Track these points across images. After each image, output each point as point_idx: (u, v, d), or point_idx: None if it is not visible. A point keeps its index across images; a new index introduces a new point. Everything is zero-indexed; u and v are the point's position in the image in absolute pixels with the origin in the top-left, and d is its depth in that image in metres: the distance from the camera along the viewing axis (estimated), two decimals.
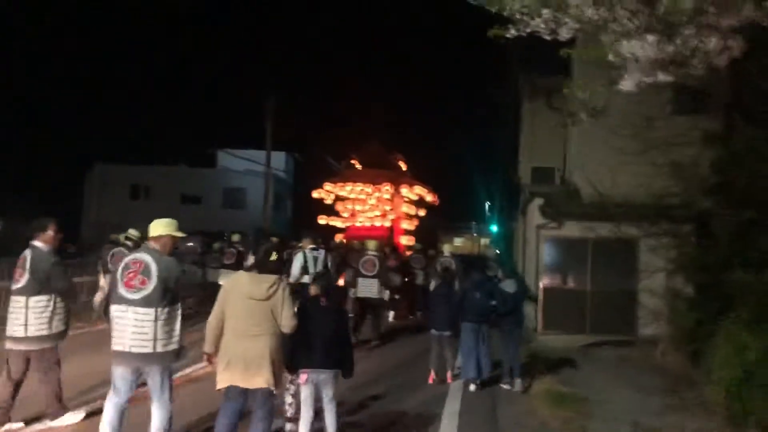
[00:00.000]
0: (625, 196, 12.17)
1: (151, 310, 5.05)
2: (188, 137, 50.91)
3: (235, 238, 15.28)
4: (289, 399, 6.00)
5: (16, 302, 5.93)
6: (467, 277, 9.20)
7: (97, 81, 59.23)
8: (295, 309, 5.18)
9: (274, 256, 5.14)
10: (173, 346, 5.19)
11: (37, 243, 6.06)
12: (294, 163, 45.22)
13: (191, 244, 18.65)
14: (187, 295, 6.51)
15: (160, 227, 5.34)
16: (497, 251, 33.71)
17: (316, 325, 5.31)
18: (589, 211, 12.36)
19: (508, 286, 9.00)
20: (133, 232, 10.49)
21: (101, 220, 36.86)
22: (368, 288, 11.59)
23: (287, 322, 4.97)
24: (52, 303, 5.96)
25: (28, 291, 5.91)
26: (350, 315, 12.39)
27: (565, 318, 12.56)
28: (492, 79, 26.28)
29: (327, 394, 5.42)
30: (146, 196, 39.35)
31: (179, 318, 5.26)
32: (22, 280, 5.95)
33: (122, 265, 5.24)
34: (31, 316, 5.88)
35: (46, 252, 6.04)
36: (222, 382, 4.95)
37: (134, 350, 5.04)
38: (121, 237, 11.34)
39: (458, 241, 50.43)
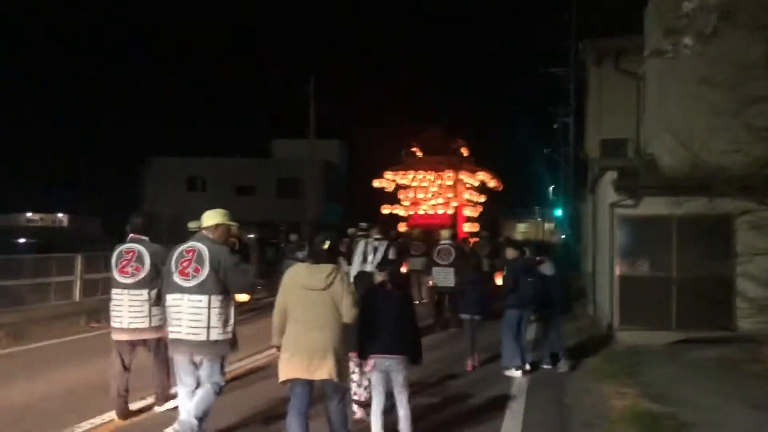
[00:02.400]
0: (718, 165, 10.04)
1: (205, 297, 5.05)
2: (243, 128, 50.18)
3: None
4: (354, 387, 5.99)
5: (138, 295, 6.00)
6: (514, 263, 8.68)
7: (151, 75, 59.36)
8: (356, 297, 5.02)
9: (326, 245, 5.00)
10: (227, 336, 5.16)
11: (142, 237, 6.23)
12: (348, 152, 43.84)
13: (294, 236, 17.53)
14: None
15: (214, 217, 5.34)
16: (563, 236, 31.41)
17: (381, 312, 5.23)
18: (673, 184, 10.24)
19: (546, 269, 8.91)
20: (192, 225, 9.65)
21: (159, 213, 36.21)
22: (444, 277, 11.36)
23: (348, 311, 4.84)
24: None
25: (148, 284, 6.01)
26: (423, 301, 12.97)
27: (647, 311, 10.46)
28: (552, 55, 24.27)
29: (397, 382, 5.21)
30: (202, 187, 38.66)
31: (233, 308, 5.24)
32: (140, 274, 6.02)
33: (176, 254, 5.23)
34: (152, 309, 5.98)
35: (158, 247, 6.21)
36: (285, 374, 4.81)
37: (190, 338, 5.05)
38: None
39: (521, 227, 48.19)
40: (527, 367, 8.33)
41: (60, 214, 46.55)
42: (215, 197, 37.01)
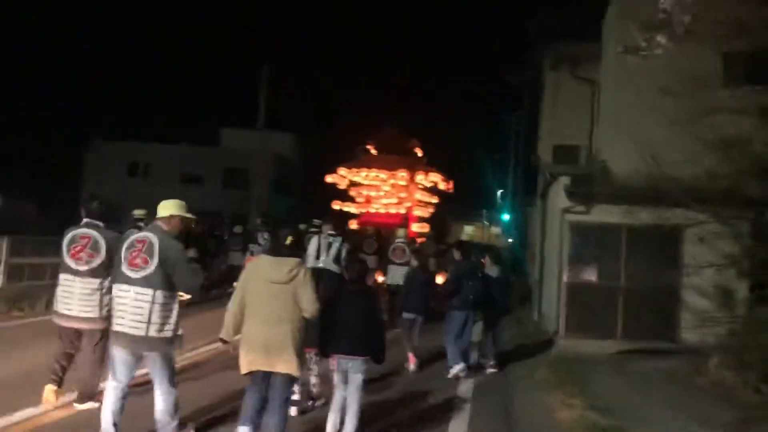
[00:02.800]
0: (671, 175, 9.96)
1: (150, 291, 4.84)
2: (191, 115, 48.72)
3: (258, 222, 15.87)
4: (313, 380, 6.13)
5: (90, 283, 5.77)
6: (457, 265, 8.80)
7: (99, 56, 57.16)
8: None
9: (289, 240, 4.94)
10: (166, 334, 4.89)
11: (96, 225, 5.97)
12: (302, 146, 43.16)
13: (238, 231, 17.34)
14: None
15: (171, 208, 5.11)
16: (509, 240, 31.57)
17: (346, 312, 5.16)
18: (626, 192, 10.12)
19: (493, 271, 9.07)
20: (138, 212, 9.22)
21: (97, 194, 34.74)
22: (398, 275, 11.09)
23: (309, 306, 4.76)
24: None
25: (102, 273, 5.74)
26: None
27: (593, 319, 10.33)
28: (509, 59, 24.27)
29: (354, 381, 5.15)
30: (145, 174, 37.35)
31: (176, 305, 5.00)
32: (94, 262, 5.78)
33: (127, 243, 5.01)
34: (103, 298, 5.73)
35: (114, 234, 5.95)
36: (245, 366, 4.76)
37: (131, 331, 4.83)
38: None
39: (468, 229, 48.27)
40: (465, 367, 8.19)
41: None
42: (158, 184, 35.83)
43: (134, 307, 4.84)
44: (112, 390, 4.94)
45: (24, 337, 9.09)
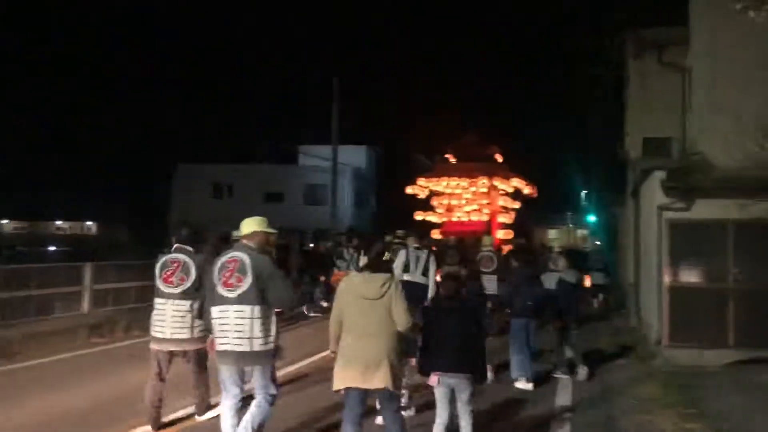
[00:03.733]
0: None
1: (248, 308, 4.97)
2: (270, 135, 49.42)
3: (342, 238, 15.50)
4: (404, 390, 5.97)
5: (182, 305, 5.97)
6: (515, 271, 8.73)
7: (178, 82, 59.06)
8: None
9: (387, 256, 5.14)
10: (269, 347, 5.03)
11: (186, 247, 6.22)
12: (376, 158, 42.96)
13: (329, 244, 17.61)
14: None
15: (253, 225, 5.24)
16: (597, 242, 30.11)
17: (446, 328, 5.11)
18: (730, 184, 9.08)
19: (570, 276, 8.78)
20: (237, 233, 8.97)
21: (186, 220, 35.57)
22: (486, 284, 10.63)
23: (401, 319, 4.74)
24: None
25: (192, 295, 5.96)
26: None
27: (700, 326, 9.29)
28: (588, 54, 23.10)
29: (461, 399, 5.12)
30: (229, 194, 38.08)
31: (274, 317, 5.12)
32: (185, 284, 6.00)
33: (218, 264, 5.12)
34: (194, 320, 5.96)
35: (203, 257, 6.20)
36: (339, 383, 4.79)
37: (235, 348, 4.97)
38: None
39: (553, 233, 46.70)
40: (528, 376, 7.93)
41: (89, 222, 46.71)
42: (242, 204, 36.44)
43: (236, 324, 4.97)
44: (226, 409, 5.15)
45: (103, 363, 9.14)
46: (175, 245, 6.19)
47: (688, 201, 9.39)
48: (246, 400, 5.22)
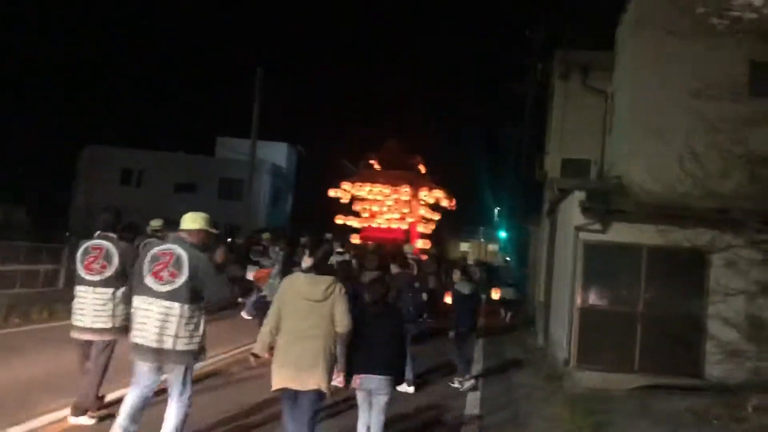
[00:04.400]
0: (696, 193, 8.97)
1: (177, 305, 4.74)
2: (188, 123, 47.40)
3: (265, 236, 15.10)
4: None
5: (103, 293, 5.78)
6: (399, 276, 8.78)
7: (94, 60, 55.89)
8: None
9: (332, 260, 5.38)
10: (193, 346, 4.83)
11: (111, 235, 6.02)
12: (297, 158, 42.11)
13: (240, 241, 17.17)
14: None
15: (198, 221, 5.00)
16: (507, 258, 30.55)
17: (369, 331, 5.07)
18: (646, 210, 9.07)
19: (463, 287, 8.95)
20: (155, 224, 9.13)
21: (90, 206, 33.61)
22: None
23: (343, 321, 4.78)
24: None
25: (115, 283, 5.81)
26: None
27: (609, 349, 9.24)
28: (512, 70, 23.36)
29: (378, 403, 5.08)
30: (138, 181, 36.25)
31: (203, 317, 4.92)
32: (106, 272, 5.79)
33: (150, 255, 4.89)
34: (116, 309, 5.81)
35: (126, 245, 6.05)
36: (277, 383, 4.75)
37: (154, 345, 4.73)
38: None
39: (465, 246, 47.30)
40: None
41: None
42: (152, 193, 34.77)
43: (159, 320, 4.73)
44: (134, 398, 4.86)
45: (24, 344, 8.62)
46: (98, 232, 5.94)
47: (606, 223, 9.34)
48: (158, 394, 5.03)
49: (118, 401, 5.09)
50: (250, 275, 13.17)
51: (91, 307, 5.71)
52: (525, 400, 8.11)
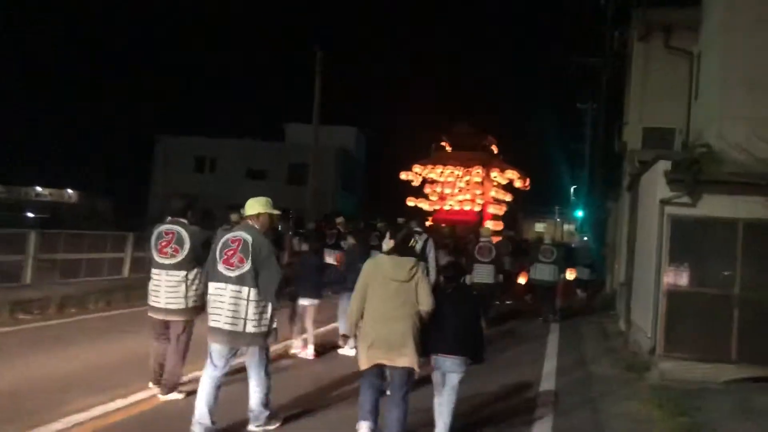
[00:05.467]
0: None
1: (245, 289, 4.96)
2: (259, 110, 47.70)
3: (339, 220, 14.50)
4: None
5: (175, 275, 5.93)
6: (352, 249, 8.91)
7: (167, 52, 57.02)
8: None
9: (412, 242, 5.52)
10: (262, 329, 5.03)
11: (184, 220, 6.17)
12: (366, 141, 41.65)
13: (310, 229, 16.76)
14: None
15: (258, 205, 5.20)
16: (585, 238, 29.17)
17: (444, 311, 5.03)
18: (744, 179, 7.98)
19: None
20: (234, 217, 8.96)
21: (167, 193, 34.32)
22: (484, 274, 11.47)
23: (426, 300, 4.88)
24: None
25: (187, 266, 5.95)
26: None
27: (701, 336, 8.20)
28: (587, 44, 22.07)
29: (450, 382, 5.07)
30: (212, 169, 36.69)
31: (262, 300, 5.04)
32: (178, 256, 5.94)
33: (221, 242, 5.11)
34: (188, 290, 5.96)
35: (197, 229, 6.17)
36: (366, 362, 4.87)
37: (227, 327, 4.95)
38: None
39: (540, 227, 45.75)
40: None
41: (69, 190, 45.06)
42: (224, 179, 35.12)
43: (231, 304, 4.94)
44: (208, 379, 5.02)
45: (116, 328, 9.07)
46: (169, 217, 6.12)
47: (695, 196, 8.28)
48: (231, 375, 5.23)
49: (196, 380, 5.32)
50: (329, 259, 13.10)
51: (164, 289, 5.91)
52: (605, 395, 7.23)
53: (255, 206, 5.18)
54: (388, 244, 6.89)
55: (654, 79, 12.91)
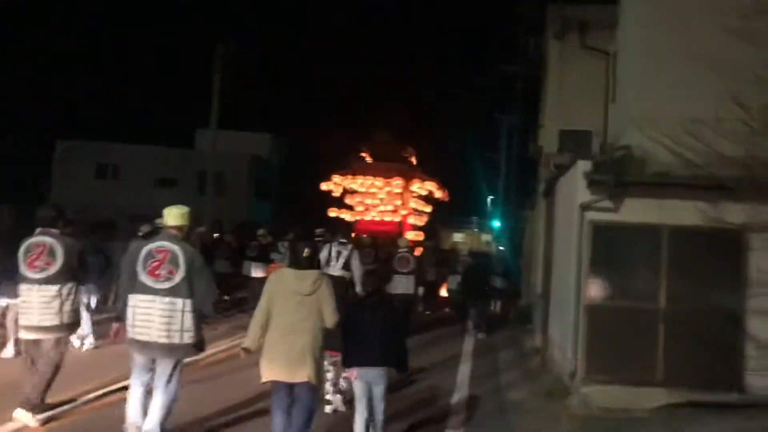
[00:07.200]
0: (727, 162, 7.11)
1: (180, 301, 4.85)
2: (166, 116, 45.03)
3: (261, 232, 14.96)
4: (327, 386, 6.04)
5: (47, 291, 5.60)
6: None
7: (68, 53, 53.45)
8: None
9: (308, 253, 5.10)
10: (198, 338, 4.98)
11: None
12: (281, 149, 40.10)
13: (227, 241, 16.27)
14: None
15: (182, 216, 5.05)
16: (500, 248, 28.76)
17: (367, 324, 5.11)
18: (670, 180, 7.16)
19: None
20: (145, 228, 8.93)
21: (65, 202, 31.63)
22: (403, 284, 11.26)
23: (330, 315, 4.85)
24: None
25: (60, 279, 5.66)
26: None
27: (625, 356, 7.28)
28: (502, 48, 21.62)
29: (377, 394, 5.08)
30: (114, 176, 34.22)
31: (196, 310, 5.00)
32: (50, 269, 5.61)
33: (144, 253, 4.93)
34: (63, 305, 5.68)
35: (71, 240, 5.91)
36: (266, 376, 4.82)
37: (161, 340, 4.83)
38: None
39: (458, 237, 45.48)
40: None
41: None
42: (130, 188, 32.77)
43: (164, 317, 4.80)
44: (137, 395, 4.97)
45: None
46: (38, 228, 5.70)
47: (617, 199, 7.39)
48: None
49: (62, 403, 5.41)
50: (257, 272, 13.30)
51: (37, 305, 5.54)
52: (521, 425, 6.19)
53: (180, 217, 5.00)
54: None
55: (570, 80, 12.19)
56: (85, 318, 8.24)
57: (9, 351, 7.68)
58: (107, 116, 43.36)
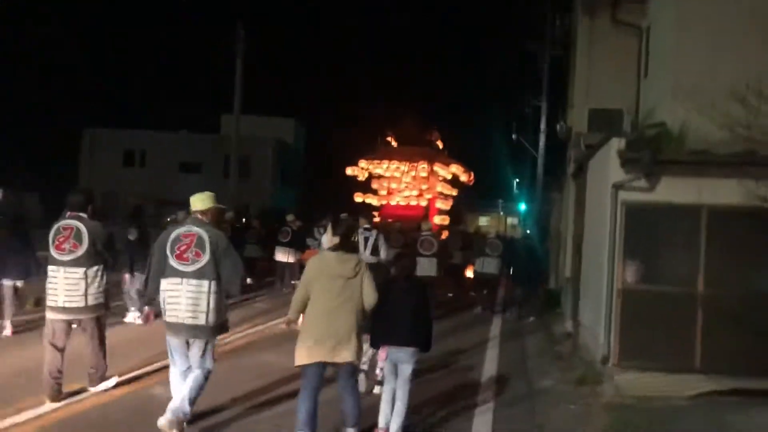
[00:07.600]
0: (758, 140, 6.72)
1: (206, 282, 4.97)
2: (191, 102, 45.01)
3: (290, 217, 14.75)
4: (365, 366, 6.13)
5: (74, 273, 5.76)
6: None
7: (94, 43, 53.53)
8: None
9: (354, 237, 5.71)
10: (223, 320, 5.14)
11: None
12: (306, 134, 39.91)
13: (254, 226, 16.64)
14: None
15: (206, 200, 5.20)
16: (527, 231, 28.27)
17: (397, 304, 5.14)
18: (710, 158, 6.77)
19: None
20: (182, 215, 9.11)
21: (93, 188, 31.83)
22: (426, 267, 11.18)
23: (371, 296, 4.94)
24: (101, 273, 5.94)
25: (86, 262, 5.80)
26: None
27: (660, 342, 6.96)
28: (530, 32, 21.04)
29: (403, 373, 5.12)
30: (141, 163, 34.37)
31: (223, 292, 5.15)
32: (77, 252, 5.76)
33: (172, 237, 5.08)
34: (89, 288, 5.83)
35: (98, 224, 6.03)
36: (305, 359, 4.80)
37: (188, 321, 4.98)
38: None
39: (483, 220, 44.99)
40: None
41: None
42: (156, 174, 32.90)
43: (191, 298, 4.93)
44: (176, 376, 5.12)
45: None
46: (68, 212, 5.88)
47: (653, 178, 7.02)
48: None
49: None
50: (290, 258, 13.53)
51: (63, 287, 5.68)
52: (551, 415, 5.92)
53: (204, 201, 5.15)
54: (329, 239, 6.81)
55: (600, 56, 11.70)
56: (135, 301, 9.28)
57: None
58: (134, 104, 43.49)
